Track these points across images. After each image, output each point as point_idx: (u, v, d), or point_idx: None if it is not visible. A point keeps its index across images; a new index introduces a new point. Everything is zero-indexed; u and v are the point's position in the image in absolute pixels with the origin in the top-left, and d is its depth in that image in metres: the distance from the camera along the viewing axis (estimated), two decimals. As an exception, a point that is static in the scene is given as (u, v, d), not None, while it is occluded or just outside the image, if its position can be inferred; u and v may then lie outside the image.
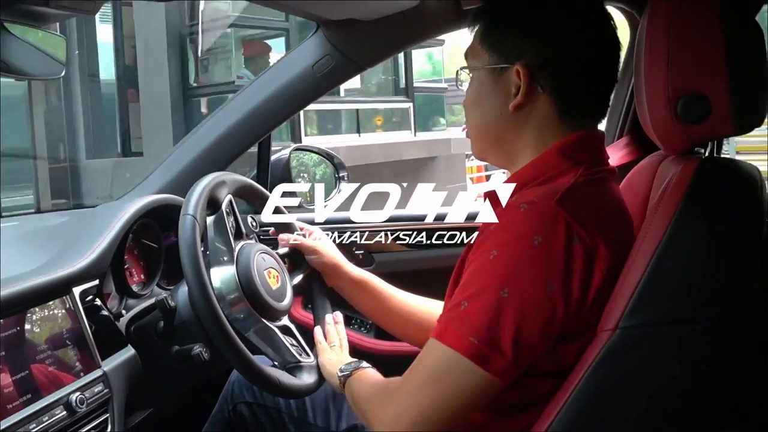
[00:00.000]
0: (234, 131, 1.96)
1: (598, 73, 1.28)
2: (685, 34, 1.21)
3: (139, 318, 1.55)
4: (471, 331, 1.12)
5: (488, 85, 1.31)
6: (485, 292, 1.13)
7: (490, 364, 1.12)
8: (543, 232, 1.13)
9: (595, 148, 1.30)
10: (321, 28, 1.91)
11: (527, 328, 1.12)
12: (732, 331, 1.14)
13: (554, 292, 1.12)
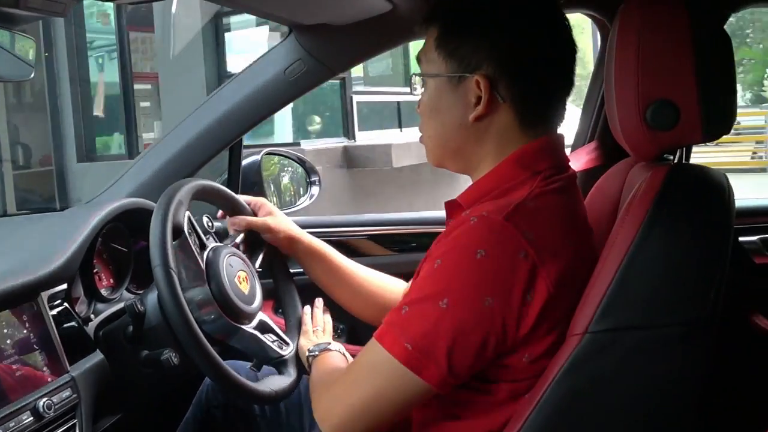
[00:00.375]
0: (205, 135, 1.95)
1: (558, 79, 1.29)
2: (654, 41, 1.23)
3: (107, 322, 1.54)
4: (408, 338, 1.14)
5: (446, 94, 1.29)
6: (426, 301, 1.15)
7: (423, 372, 1.14)
8: (487, 246, 1.14)
9: (555, 154, 1.30)
10: (293, 32, 1.91)
11: (462, 340, 1.14)
12: (700, 335, 1.15)
13: (493, 307, 1.13)
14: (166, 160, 1.95)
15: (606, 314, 1.14)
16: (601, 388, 1.17)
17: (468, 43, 1.26)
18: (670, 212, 1.17)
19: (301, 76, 1.91)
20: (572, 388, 1.16)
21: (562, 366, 1.15)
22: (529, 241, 1.14)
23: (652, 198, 1.17)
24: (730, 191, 1.24)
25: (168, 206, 1.48)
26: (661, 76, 1.23)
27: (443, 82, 1.29)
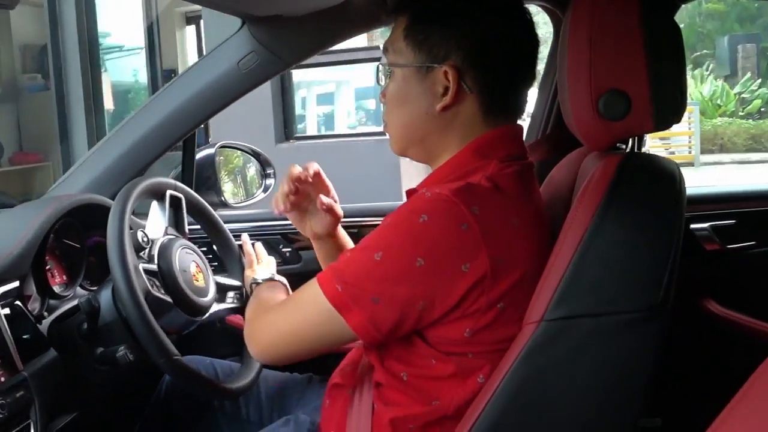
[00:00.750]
0: (158, 129, 1.93)
1: (521, 71, 1.31)
2: (606, 32, 1.24)
3: (61, 320, 1.52)
4: (340, 280, 1.20)
5: (414, 84, 1.31)
6: (364, 250, 1.20)
7: (347, 314, 1.20)
8: (430, 212, 1.17)
9: (512, 143, 1.32)
10: (246, 24, 1.89)
11: (388, 293, 1.18)
12: (653, 321, 1.17)
13: (423, 268, 1.16)
14: (119, 155, 1.92)
15: (561, 302, 1.16)
16: (556, 373, 1.18)
17: (436, 34, 1.28)
18: (623, 201, 1.18)
19: (254, 69, 1.90)
20: (529, 375, 1.17)
21: (519, 353, 1.16)
22: (474, 215, 1.17)
23: (605, 187, 1.19)
24: (681, 180, 1.26)
25: (125, 204, 1.47)
26: (612, 66, 1.24)
27: (411, 72, 1.31)
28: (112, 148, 1.95)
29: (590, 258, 1.17)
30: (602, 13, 1.25)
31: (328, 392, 1.49)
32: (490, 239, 1.17)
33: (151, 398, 1.77)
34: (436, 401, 1.26)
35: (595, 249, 1.17)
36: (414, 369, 1.27)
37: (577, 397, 1.19)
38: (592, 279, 1.17)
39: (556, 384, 1.19)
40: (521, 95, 1.34)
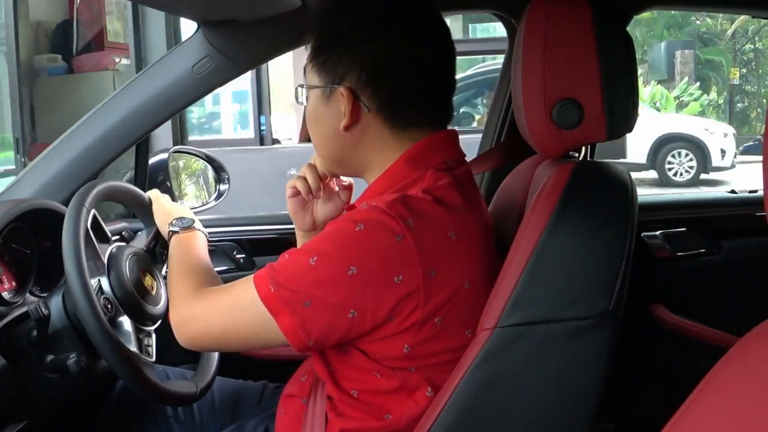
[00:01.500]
0: (111, 133, 1.90)
1: (427, 84, 1.30)
2: (559, 42, 1.25)
3: (10, 327, 1.49)
4: (274, 281, 1.19)
5: (320, 105, 1.33)
6: (301, 254, 1.20)
7: (278, 316, 1.19)
8: (366, 223, 1.18)
9: (447, 149, 1.32)
10: (201, 28, 1.88)
11: (320, 299, 1.18)
12: (605, 328, 1.18)
13: (355, 277, 1.16)
14: (69, 159, 1.90)
15: (515, 309, 1.16)
16: (510, 379, 1.19)
17: (333, 56, 1.29)
18: (576, 209, 1.20)
19: (209, 73, 1.89)
20: (483, 381, 1.18)
21: (473, 360, 1.17)
22: (408, 227, 1.17)
23: (558, 194, 1.20)
24: (633, 187, 1.27)
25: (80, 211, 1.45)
26: (566, 75, 1.26)
27: (318, 93, 1.33)
28: (64, 151, 1.92)
29: (543, 265, 1.18)
30: (556, 23, 1.26)
31: (282, 401, 1.49)
32: (425, 252, 1.17)
33: (103, 407, 1.75)
34: (388, 415, 1.26)
35: (548, 256, 1.18)
36: (361, 385, 1.28)
37: (530, 404, 1.20)
38: (546, 286, 1.18)
39: (509, 391, 1.20)
40: (434, 106, 1.33)
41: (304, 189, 1.49)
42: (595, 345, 1.19)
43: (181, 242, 1.55)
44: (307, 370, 1.48)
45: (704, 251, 2.02)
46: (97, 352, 1.41)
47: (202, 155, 2.34)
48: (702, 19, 21.98)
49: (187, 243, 1.55)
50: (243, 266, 2.10)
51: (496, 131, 2.12)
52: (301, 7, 1.76)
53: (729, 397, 0.61)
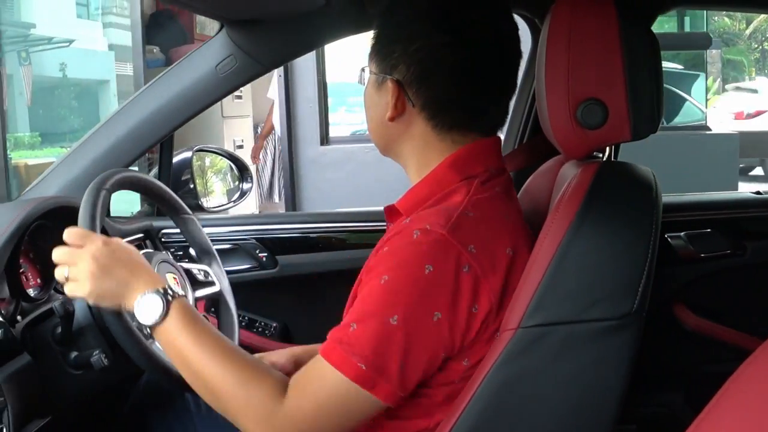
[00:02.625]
0: (135, 131, 1.92)
1: (472, 87, 1.28)
2: (584, 41, 1.25)
3: (35, 324, 1.51)
4: (359, 356, 1.13)
5: (373, 91, 1.33)
6: (374, 317, 1.14)
7: (376, 388, 1.14)
8: (433, 262, 1.15)
9: (490, 158, 1.31)
10: (225, 27, 1.89)
11: (413, 354, 1.14)
12: (627, 329, 1.18)
13: (440, 322, 1.14)
14: (94, 157, 1.91)
15: (537, 310, 1.16)
16: (532, 381, 1.19)
17: (388, 46, 1.30)
18: (599, 210, 1.19)
19: (232, 72, 1.90)
20: (504, 382, 1.17)
21: (495, 361, 1.16)
22: (471, 255, 1.16)
23: (581, 195, 1.19)
24: (658, 188, 1.27)
25: (96, 202, 1.46)
26: (590, 75, 1.25)
27: (372, 79, 1.34)
28: (89, 149, 1.94)
29: (567, 266, 1.17)
30: (580, 23, 1.26)
31: None
32: (489, 275, 1.17)
33: (126, 403, 1.76)
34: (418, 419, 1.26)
35: (571, 257, 1.17)
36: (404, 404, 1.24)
37: (552, 404, 1.20)
38: (569, 287, 1.18)
39: (531, 391, 1.19)
40: (489, 110, 1.32)
41: None
42: (617, 346, 1.19)
43: (187, 317, 1.27)
44: None
45: (729, 252, 2.00)
46: (120, 347, 1.42)
47: (226, 154, 2.35)
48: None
49: (194, 316, 1.29)
50: (265, 265, 2.11)
51: (519, 132, 2.12)
52: (325, 6, 1.76)
53: (753, 399, 0.61)
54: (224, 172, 2.39)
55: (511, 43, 1.31)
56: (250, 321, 2.11)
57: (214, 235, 2.00)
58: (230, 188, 2.37)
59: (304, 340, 2.13)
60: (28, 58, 6.61)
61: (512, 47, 1.31)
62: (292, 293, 2.19)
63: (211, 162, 2.36)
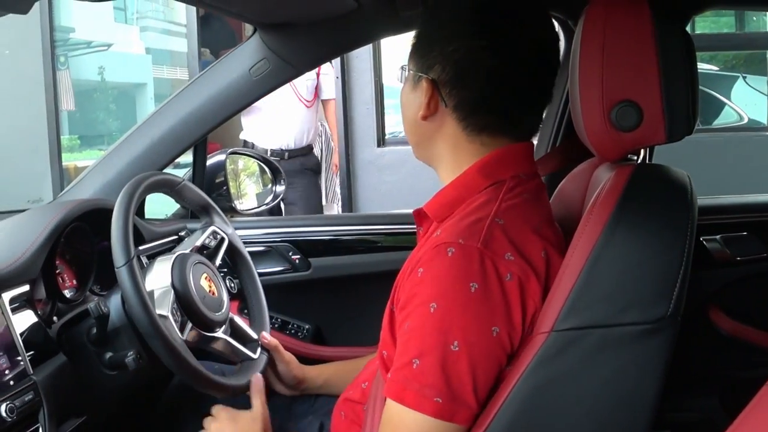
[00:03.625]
0: (169, 134, 1.94)
1: (508, 94, 1.28)
2: (618, 43, 1.24)
3: (71, 324, 1.52)
4: (432, 391, 1.13)
5: (409, 90, 1.34)
6: (435, 349, 1.14)
7: (456, 417, 1.14)
8: (476, 278, 1.14)
9: (520, 163, 1.31)
10: (258, 31, 1.90)
11: (481, 372, 1.14)
12: (662, 332, 1.16)
13: (500, 334, 1.15)
14: (129, 160, 1.94)
15: (570, 313, 1.15)
16: (565, 384, 1.18)
17: (426, 47, 1.31)
18: (634, 212, 1.18)
19: (265, 75, 1.91)
20: (538, 385, 1.16)
21: (529, 364, 1.16)
22: (510, 262, 1.16)
23: (616, 198, 1.18)
24: (693, 190, 1.25)
25: (129, 203, 1.48)
26: (625, 76, 1.24)
27: (409, 78, 1.35)
28: (124, 152, 1.96)
29: (601, 269, 1.16)
30: (614, 25, 1.25)
31: (342, 404, 1.49)
32: (531, 278, 1.18)
33: (159, 403, 1.78)
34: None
35: (605, 260, 1.16)
36: None
37: (585, 409, 1.19)
38: (603, 290, 1.17)
39: (564, 395, 1.18)
40: (522, 116, 1.31)
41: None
42: (652, 350, 1.17)
43: None
44: (367, 377, 1.48)
45: (765, 256, 1.97)
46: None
47: (259, 157, 2.37)
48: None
49: None
50: (298, 267, 2.12)
51: (552, 134, 2.11)
52: (357, 9, 1.77)
53: None
54: (257, 175, 2.40)
55: (550, 51, 1.31)
56: (283, 323, 2.12)
57: (247, 238, 2.01)
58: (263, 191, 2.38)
59: (336, 342, 2.14)
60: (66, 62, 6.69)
61: (550, 56, 1.31)
62: (325, 295, 2.19)
63: (245, 165, 2.37)
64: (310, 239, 2.15)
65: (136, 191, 1.52)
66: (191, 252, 1.63)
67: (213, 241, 1.73)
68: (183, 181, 1.71)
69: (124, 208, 1.47)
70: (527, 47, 1.27)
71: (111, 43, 8.18)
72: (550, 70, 1.31)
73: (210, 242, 1.73)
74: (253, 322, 1.78)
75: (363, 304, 2.11)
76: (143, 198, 1.58)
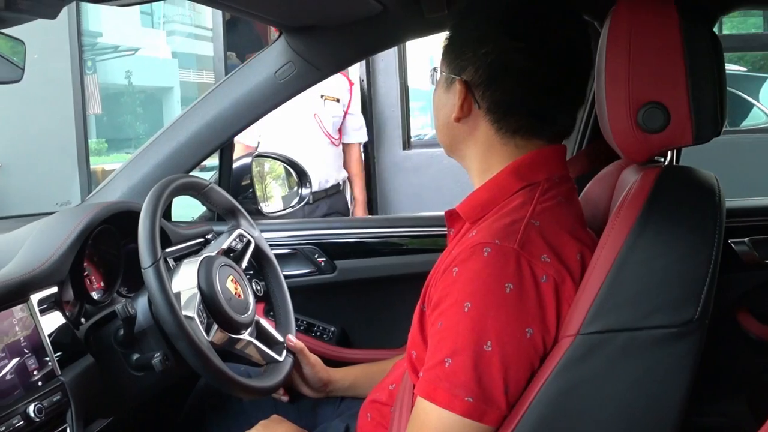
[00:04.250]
0: (196, 137, 1.95)
1: (539, 93, 1.28)
2: (645, 44, 1.23)
3: (98, 326, 1.54)
4: (463, 390, 1.13)
5: (442, 92, 1.35)
6: (468, 348, 1.14)
7: (485, 417, 1.14)
8: (512, 279, 1.14)
9: (553, 166, 1.31)
10: (283, 34, 1.91)
11: (513, 374, 1.14)
12: (690, 336, 1.15)
13: (534, 336, 1.15)
14: (156, 163, 1.95)
15: (597, 316, 1.14)
16: (591, 388, 1.17)
17: (458, 49, 1.31)
18: (661, 215, 1.17)
19: (291, 78, 1.92)
20: (564, 389, 1.16)
21: (555, 367, 1.15)
22: (546, 264, 1.16)
23: (642, 200, 1.18)
24: (721, 192, 1.24)
25: (156, 206, 1.49)
26: (651, 78, 1.23)
27: (442, 80, 1.35)
28: (150, 155, 1.97)
29: (627, 272, 1.15)
30: (641, 26, 1.24)
31: (368, 406, 1.49)
32: (566, 280, 1.17)
33: (185, 404, 1.79)
34: None
35: (632, 263, 1.16)
36: None
37: (611, 414, 1.18)
38: (629, 293, 1.16)
39: (590, 399, 1.18)
40: (556, 118, 1.31)
41: None
42: (679, 354, 1.16)
43: None
44: (395, 378, 1.48)
45: (795, 259, 1.95)
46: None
47: (285, 160, 2.38)
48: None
49: None
50: (324, 269, 2.12)
51: (578, 137, 2.10)
52: (383, 12, 1.77)
53: None
54: (283, 178, 2.41)
55: (583, 53, 1.30)
56: (309, 325, 2.12)
57: (273, 240, 2.02)
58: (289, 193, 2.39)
59: (361, 344, 2.14)
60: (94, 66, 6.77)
61: (583, 58, 1.30)
62: (350, 298, 2.20)
63: (270, 167, 2.38)
64: (336, 242, 2.15)
65: (163, 194, 1.53)
66: (218, 254, 1.64)
67: (239, 244, 1.74)
68: (209, 183, 1.72)
69: (151, 210, 1.48)
70: (560, 47, 1.27)
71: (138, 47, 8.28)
72: (582, 71, 1.31)
73: (236, 245, 1.73)
74: (279, 324, 1.79)
75: (388, 307, 2.11)
76: (170, 200, 1.59)
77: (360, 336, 2.18)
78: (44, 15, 1.39)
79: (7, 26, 1.41)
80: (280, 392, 1.76)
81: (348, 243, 2.16)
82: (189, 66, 9.98)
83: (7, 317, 1.33)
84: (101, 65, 7.51)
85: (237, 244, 1.74)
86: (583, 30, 1.31)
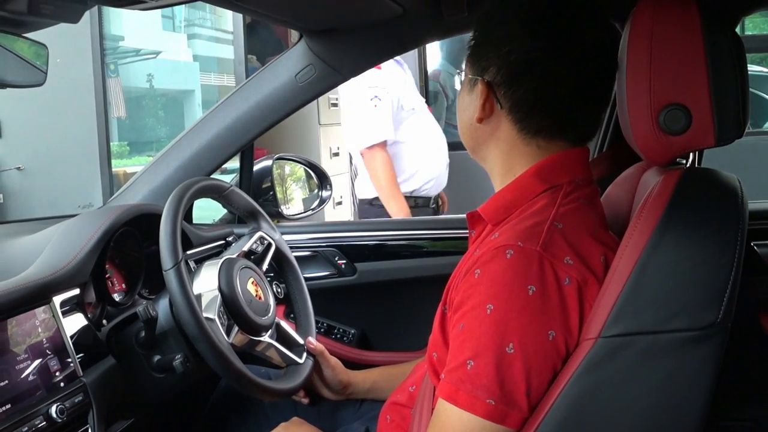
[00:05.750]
0: (217, 140, 1.96)
1: (562, 93, 1.27)
2: (666, 46, 1.22)
3: (120, 328, 1.55)
4: (485, 393, 1.13)
5: (465, 93, 1.35)
6: (490, 350, 1.13)
7: (507, 420, 1.14)
8: (535, 281, 1.14)
9: (576, 168, 1.30)
10: (304, 37, 1.92)
11: (535, 376, 1.14)
12: (711, 340, 1.14)
13: (556, 338, 1.14)
14: (177, 165, 1.96)
15: (618, 319, 1.14)
16: (612, 392, 1.16)
17: (481, 49, 1.31)
18: (683, 217, 1.17)
19: (311, 81, 1.92)
20: (584, 392, 1.15)
21: (576, 370, 1.15)
22: (569, 266, 1.16)
23: (664, 202, 1.17)
24: (743, 194, 1.23)
25: (177, 208, 1.50)
26: (673, 80, 1.23)
27: (466, 82, 1.35)
28: (172, 158, 1.98)
29: (648, 275, 1.15)
30: (662, 27, 1.23)
31: (388, 408, 1.49)
32: (589, 282, 1.17)
33: (206, 406, 1.80)
34: None
35: (653, 266, 1.15)
36: None
37: (632, 416, 1.17)
38: (651, 296, 1.15)
39: (611, 402, 1.17)
40: (578, 120, 1.30)
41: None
42: (701, 358, 1.15)
43: None
44: (415, 381, 1.48)
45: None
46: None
47: (305, 162, 2.38)
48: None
49: None
50: (344, 272, 2.12)
51: (599, 139, 2.09)
52: (403, 14, 1.77)
53: None
54: (303, 180, 2.41)
55: (609, 54, 1.30)
56: (329, 327, 2.12)
57: (293, 242, 2.03)
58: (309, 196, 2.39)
59: (381, 347, 2.14)
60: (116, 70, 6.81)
61: (609, 58, 1.30)
62: (371, 300, 2.20)
63: (291, 170, 2.39)
64: (356, 244, 2.16)
65: (185, 196, 1.54)
66: (238, 257, 1.65)
67: (260, 246, 1.75)
68: (230, 186, 1.73)
69: (172, 212, 1.49)
70: (584, 49, 1.26)
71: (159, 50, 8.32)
72: (605, 70, 1.30)
73: (257, 247, 1.74)
74: (299, 326, 1.79)
75: (409, 309, 2.11)
76: (191, 203, 1.60)
77: (380, 338, 2.18)
78: (67, 19, 1.40)
79: (31, 30, 1.42)
80: (300, 394, 1.76)
81: (368, 245, 2.16)
82: (210, 69, 10.02)
83: (30, 319, 1.34)
84: (123, 68, 7.56)
85: (258, 247, 1.74)
86: (608, 29, 1.31)
